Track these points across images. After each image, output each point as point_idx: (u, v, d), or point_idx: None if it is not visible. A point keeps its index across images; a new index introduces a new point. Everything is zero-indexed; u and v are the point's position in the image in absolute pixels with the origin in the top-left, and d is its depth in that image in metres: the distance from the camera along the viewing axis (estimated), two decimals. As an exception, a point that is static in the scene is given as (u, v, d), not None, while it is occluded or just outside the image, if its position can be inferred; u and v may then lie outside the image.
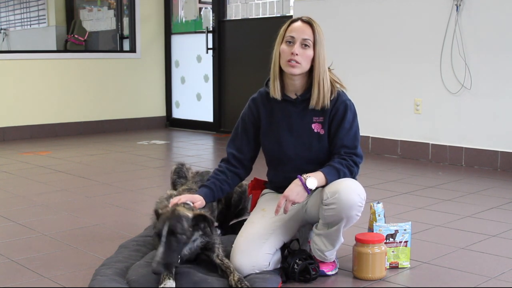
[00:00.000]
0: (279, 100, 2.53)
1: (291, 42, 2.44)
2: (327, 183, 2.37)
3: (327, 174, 2.37)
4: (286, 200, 2.34)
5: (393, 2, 5.42)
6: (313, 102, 2.47)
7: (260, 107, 2.59)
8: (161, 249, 2.17)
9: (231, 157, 2.60)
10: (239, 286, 2.26)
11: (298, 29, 2.44)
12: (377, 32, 5.55)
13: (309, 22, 2.45)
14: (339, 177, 2.38)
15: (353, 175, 2.44)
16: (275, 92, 2.51)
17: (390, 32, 5.46)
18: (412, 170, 4.87)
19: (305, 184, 2.34)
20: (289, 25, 2.48)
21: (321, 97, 2.46)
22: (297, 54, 2.41)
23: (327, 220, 2.36)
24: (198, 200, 2.42)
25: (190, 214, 2.28)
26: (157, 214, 2.32)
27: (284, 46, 2.45)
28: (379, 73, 5.57)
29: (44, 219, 3.40)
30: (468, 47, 4.96)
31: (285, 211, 2.36)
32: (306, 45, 2.43)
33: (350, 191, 2.32)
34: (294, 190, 2.35)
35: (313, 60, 2.44)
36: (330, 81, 2.50)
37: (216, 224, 2.45)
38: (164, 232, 2.19)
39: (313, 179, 2.35)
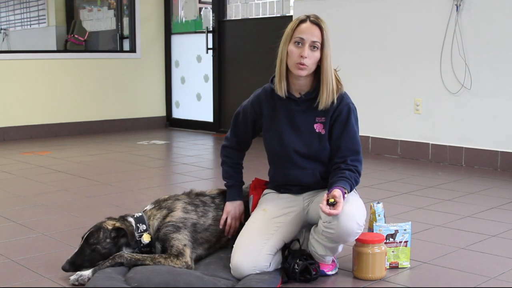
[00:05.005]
0: (283, 97, 2.53)
1: (300, 43, 2.41)
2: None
3: (348, 189, 2.36)
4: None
5: (393, 2, 5.42)
6: (322, 104, 2.46)
7: (264, 104, 2.58)
8: (75, 251, 2.48)
9: (233, 142, 2.72)
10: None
11: (308, 31, 2.41)
12: (377, 32, 5.55)
13: (317, 23, 2.43)
14: (350, 191, 2.39)
15: (357, 184, 2.46)
16: (281, 91, 2.50)
17: (390, 32, 5.46)
18: (412, 170, 4.87)
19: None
20: (297, 25, 2.44)
21: (329, 97, 2.46)
22: (306, 57, 2.40)
23: (326, 237, 2.38)
24: (242, 213, 2.70)
25: (110, 226, 2.51)
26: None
27: (292, 47, 2.42)
28: (379, 73, 5.57)
29: (44, 219, 3.40)
30: (468, 47, 4.96)
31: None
32: (314, 47, 2.41)
33: (349, 219, 2.30)
34: None
35: (320, 61, 2.43)
36: (336, 79, 2.50)
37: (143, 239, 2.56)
38: (84, 237, 2.50)
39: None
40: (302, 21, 2.44)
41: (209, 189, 2.82)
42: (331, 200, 2.25)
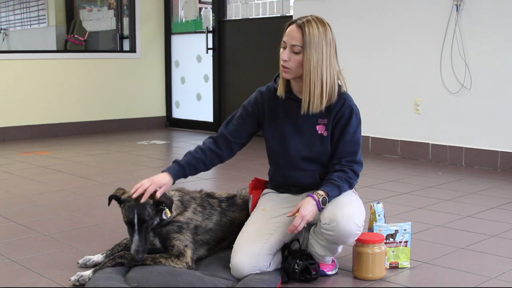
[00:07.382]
0: (285, 97, 2.52)
1: (285, 47, 2.43)
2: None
3: (330, 191, 2.37)
4: (302, 220, 2.32)
5: (393, 2, 5.42)
6: (303, 108, 2.43)
7: (266, 101, 2.57)
8: (136, 237, 2.36)
9: (220, 136, 2.59)
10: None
11: (289, 34, 2.41)
12: (377, 32, 5.55)
13: (301, 26, 2.38)
14: (340, 193, 2.39)
15: (352, 186, 2.46)
16: (280, 92, 2.51)
17: (390, 32, 5.46)
18: (412, 170, 4.87)
19: (319, 203, 2.34)
20: (286, 28, 2.45)
21: (313, 103, 2.40)
22: (286, 60, 2.40)
23: (325, 238, 2.38)
24: (163, 185, 2.42)
25: (151, 200, 2.40)
26: (117, 199, 2.46)
27: (281, 50, 2.45)
28: (379, 73, 5.57)
29: (44, 219, 3.40)
30: (468, 47, 4.96)
31: (298, 230, 2.35)
32: (296, 51, 2.39)
33: (348, 221, 2.31)
34: (312, 210, 2.33)
35: (302, 64, 2.39)
36: (333, 85, 2.43)
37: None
38: (136, 220, 2.36)
39: (325, 198, 2.35)
40: (290, 24, 2.45)
41: (219, 192, 2.81)
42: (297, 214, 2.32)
